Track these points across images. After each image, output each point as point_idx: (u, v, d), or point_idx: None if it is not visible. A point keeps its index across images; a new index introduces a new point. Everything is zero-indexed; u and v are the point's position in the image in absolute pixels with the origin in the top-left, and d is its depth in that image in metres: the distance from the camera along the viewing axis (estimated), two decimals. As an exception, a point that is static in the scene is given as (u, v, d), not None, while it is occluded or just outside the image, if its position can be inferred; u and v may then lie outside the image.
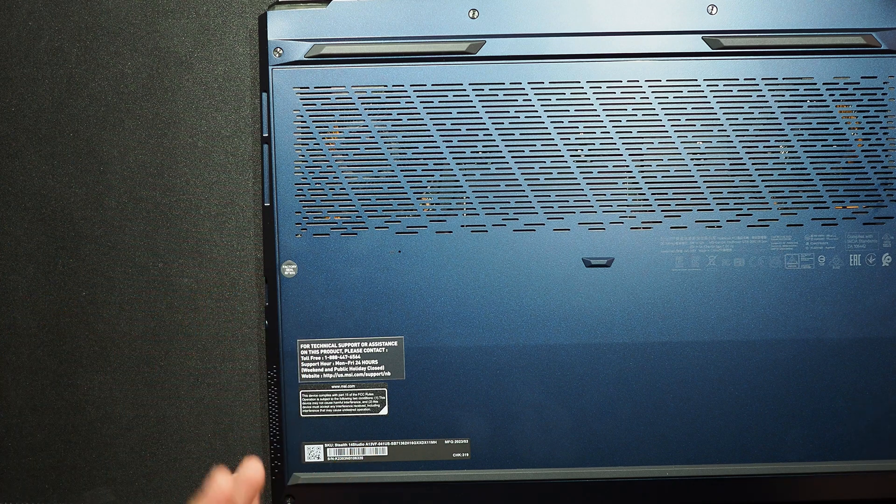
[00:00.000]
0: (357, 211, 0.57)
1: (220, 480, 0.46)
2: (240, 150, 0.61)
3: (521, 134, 0.56)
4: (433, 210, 0.57)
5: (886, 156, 0.56)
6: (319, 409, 0.58)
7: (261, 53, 0.57)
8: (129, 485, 0.61)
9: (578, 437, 0.57)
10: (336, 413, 0.58)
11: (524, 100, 0.56)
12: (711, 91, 0.56)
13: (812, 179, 0.57)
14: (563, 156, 0.56)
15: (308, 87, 0.57)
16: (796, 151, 0.56)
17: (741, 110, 0.56)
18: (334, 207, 0.57)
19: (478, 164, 0.57)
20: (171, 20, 0.61)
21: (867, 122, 0.56)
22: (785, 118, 0.56)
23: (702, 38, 0.56)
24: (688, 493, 0.58)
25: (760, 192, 0.57)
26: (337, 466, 0.58)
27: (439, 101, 0.56)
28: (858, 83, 0.56)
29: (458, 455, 0.58)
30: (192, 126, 0.61)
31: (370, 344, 0.57)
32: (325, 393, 0.58)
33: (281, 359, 0.57)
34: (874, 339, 0.57)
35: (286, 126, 0.56)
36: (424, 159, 0.57)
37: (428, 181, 0.57)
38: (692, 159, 0.56)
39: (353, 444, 0.58)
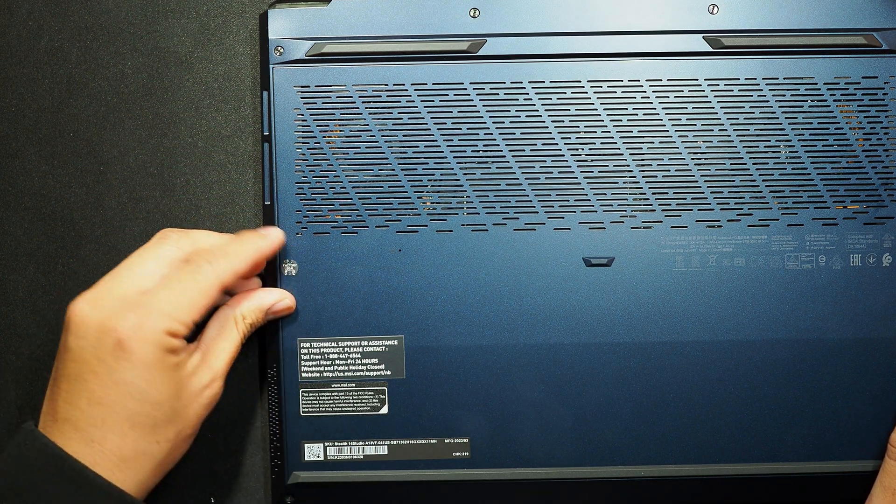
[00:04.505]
0: (357, 210, 0.57)
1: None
2: (240, 150, 0.61)
3: (521, 133, 0.56)
4: (434, 209, 0.57)
5: (887, 156, 0.56)
6: (319, 407, 0.58)
7: (261, 52, 0.57)
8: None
9: (578, 436, 0.57)
10: (336, 412, 0.58)
11: (525, 99, 0.56)
12: (712, 90, 0.56)
13: (813, 179, 0.57)
14: (563, 155, 0.56)
15: (309, 86, 0.57)
16: (797, 151, 0.56)
17: (742, 110, 0.56)
18: (335, 206, 0.57)
19: (478, 163, 0.57)
20: (171, 20, 0.61)
21: (868, 122, 0.56)
22: (786, 118, 0.56)
23: (703, 37, 0.56)
24: (688, 493, 0.58)
25: (761, 191, 0.57)
26: (337, 465, 0.58)
27: (440, 100, 0.56)
28: (859, 83, 0.56)
29: (458, 454, 0.58)
30: (192, 126, 0.61)
31: (370, 342, 0.57)
32: (325, 392, 0.58)
33: (281, 357, 0.57)
34: (874, 339, 0.57)
35: (287, 125, 0.57)
36: (425, 158, 0.57)
37: (428, 180, 0.57)
38: (693, 159, 0.57)
39: (352, 443, 0.58)
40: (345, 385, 0.58)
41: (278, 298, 0.55)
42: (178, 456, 0.51)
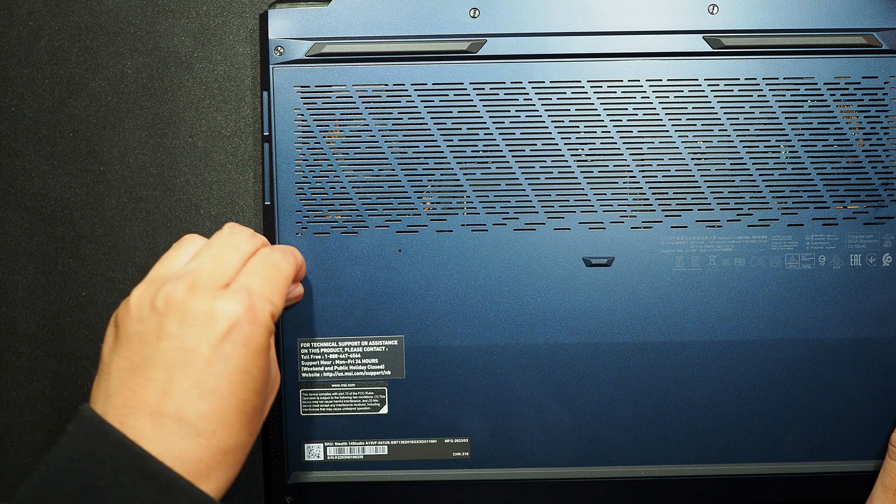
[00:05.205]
0: (357, 210, 0.57)
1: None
2: (240, 150, 0.61)
3: (521, 133, 0.56)
4: (434, 209, 0.57)
5: (887, 156, 0.56)
6: (319, 407, 0.58)
7: (261, 52, 0.57)
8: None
9: (578, 436, 0.57)
10: (336, 412, 0.58)
11: (525, 99, 0.56)
12: (712, 91, 0.56)
13: (813, 179, 0.57)
14: (563, 155, 0.56)
15: (309, 86, 0.57)
16: (797, 151, 0.56)
17: (742, 110, 0.56)
18: (335, 206, 0.57)
19: (478, 163, 0.57)
20: (171, 20, 0.61)
21: (868, 122, 0.56)
22: (786, 118, 0.56)
23: (703, 37, 0.56)
24: (688, 493, 0.58)
25: (761, 191, 0.57)
26: (337, 465, 0.58)
27: (440, 101, 0.56)
28: (859, 83, 0.56)
29: (458, 454, 0.58)
30: (192, 126, 0.61)
31: (370, 343, 0.57)
32: (325, 392, 0.58)
33: (281, 357, 0.57)
34: (874, 339, 0.57)
35: (287, 125, 0.57)
36: (425, 158, 0.57)
37: (428, 180, 0.57)
38: (693, 159, 0.57)
39: (353, 443, 0.58)
40: (345, 385, 0.58)
41: (293, 286, 0.55)
42: None
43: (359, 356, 0.57)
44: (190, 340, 0.44)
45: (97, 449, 0.42)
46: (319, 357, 0.57)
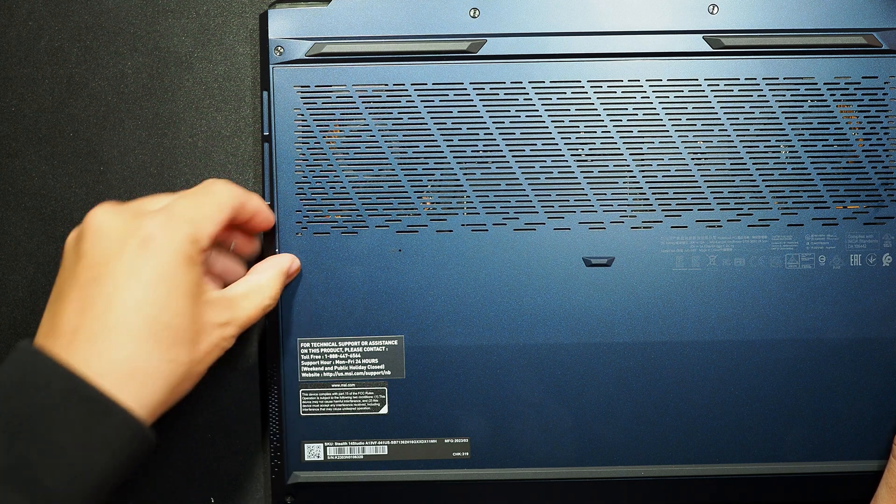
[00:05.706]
0: (357, 210, 0.57)
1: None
2: (240, 150, 0.61)
3: (521, 133, 0.56)
4: (434, 209, 0.57)
5: (887, 156, 0.56)
6: (319, 407, 0.58)
7: (261, 52, 0.57)
8: (128, 484, 0.61)
9: (578, 436, 0.57)
10: (336, 412, 0.58)
11: (525, 99, 0.56)
12: (712, 91, 0.56)
13: (813, 179, 0.57)
14: (563, 155, 0.56)
15: (309, 86, 0.57)
16: (797, 151, 0.56)
17: (742, 110, 0.56)
18: (335, 206, 0.57)
19: (478, 163, 0.57)
20: (171, 20, 0.61)
21: (868, 122, 0.56)
22: (786, 118, 0.56)
23: (703, 37, 0.56)
24: (688, 493, 0.58)
25: (761, 191, 0.57)
26: (337, 465, 0.58)
27: (440, 100, 0.56)
28: (859, 83, 0.56)
29: (458, 454, 0.58)
30: (192, 126, 0.61)
31: (370, 343, 0.57)
32: (325, 392, 0.58)
33: (281, 357, 0.57)
34: (874, 339, 0.57)
35: (287, 125, 0.57)
36: (425, 158, 0.57)
37: (428, 180, 0.57)
38: (693, 159, 0.57)
39: (352, 443, 0.58)
40: (345, 385, 0.58)
41: (290, 260, 0.55)
42: (184, 391, 0.48)
43: (359, 356, 0.57)
44: (104, 255, 0.46)
45: (30, 376, 0.43)
46: (319, 357, 0.57)
